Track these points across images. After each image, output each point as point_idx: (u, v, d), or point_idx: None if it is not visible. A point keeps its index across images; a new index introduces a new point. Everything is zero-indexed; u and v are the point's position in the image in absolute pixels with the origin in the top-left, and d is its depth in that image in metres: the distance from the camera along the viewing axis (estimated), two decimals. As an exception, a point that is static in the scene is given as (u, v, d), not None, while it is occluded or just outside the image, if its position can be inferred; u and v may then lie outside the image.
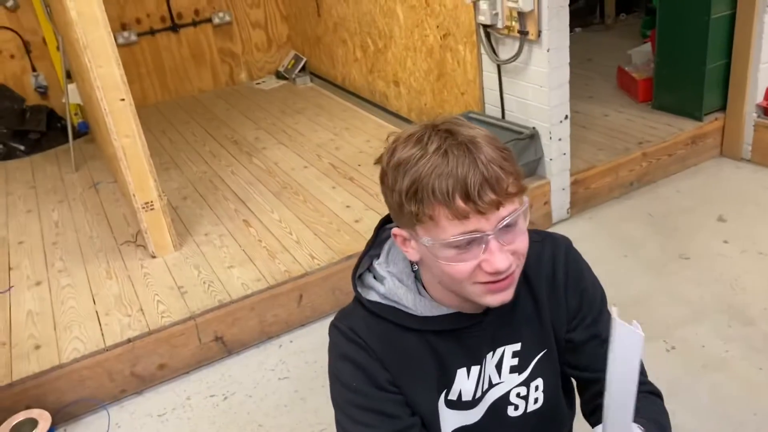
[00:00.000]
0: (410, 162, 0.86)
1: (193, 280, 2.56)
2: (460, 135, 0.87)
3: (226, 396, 2.27)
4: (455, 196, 0.83)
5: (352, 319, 1.03)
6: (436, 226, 0.86)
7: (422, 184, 0.84)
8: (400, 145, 0.89)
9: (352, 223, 2.81)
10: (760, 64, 3.05)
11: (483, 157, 0.84)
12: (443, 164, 0.84)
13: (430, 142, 0.86)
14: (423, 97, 3.52)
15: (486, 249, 0.87)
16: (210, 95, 4.91)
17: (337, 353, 1.02)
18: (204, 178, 3.48)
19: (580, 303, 1.06)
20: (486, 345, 1.04)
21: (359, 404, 0.99)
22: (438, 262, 0.90)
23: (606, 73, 4.08)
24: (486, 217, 0.85)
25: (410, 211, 0.87)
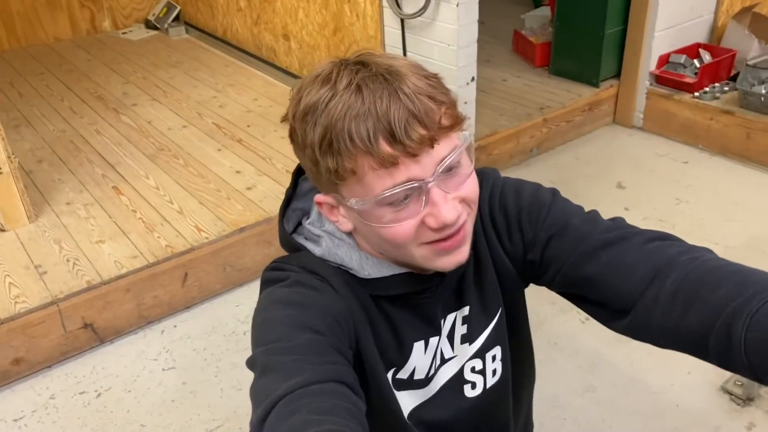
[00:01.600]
0: (318, 107, 0.71)
1: (53, 257, 2.18)
2: (375, 65, 0.72)
3: (99, 392, 1.94)
4: (378, 138, 0.69)
5: (305, 260, 0.84)
6: (360, 181, 0.72)
7: (336, 130, 0.70)
8: (305, 89, 0.75)
9: (243, 191, 2.52)
10: (655, 32, 3.07)
11: (406, 87, 0.70)
12: (358, 102, 0.69)
13: (340, 78, 0.72)
14: (317, 53, 3.25)
15: (427, 201, 0.73)
16: (67, 44, 4.31)
17: (285, 284, 0.81)
18: (63, 138, 3.01)
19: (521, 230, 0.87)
20: (439, 311, 0.89)
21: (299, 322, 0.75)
22: (373, 226, 0.75)
23: (501, 37, 4.00)
24: (419, 160, 0.70)
25: (328, 168, 0.72)
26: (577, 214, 0.86)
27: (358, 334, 0.82)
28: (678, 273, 0.73)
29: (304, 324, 0.75)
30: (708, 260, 0.74)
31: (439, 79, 0.76)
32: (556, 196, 0.89)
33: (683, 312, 0.71)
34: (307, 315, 0.76)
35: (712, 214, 2.59)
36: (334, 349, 0.74)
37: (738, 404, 1.77)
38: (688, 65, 3.12)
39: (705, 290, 0.70)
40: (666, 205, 2.67)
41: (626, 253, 0.79)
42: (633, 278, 0.77)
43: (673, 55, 3.15)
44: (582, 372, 1.91)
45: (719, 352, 0.69)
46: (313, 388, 0.67)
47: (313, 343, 0.73)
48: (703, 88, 3.05)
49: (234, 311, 2.22)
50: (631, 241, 0.80)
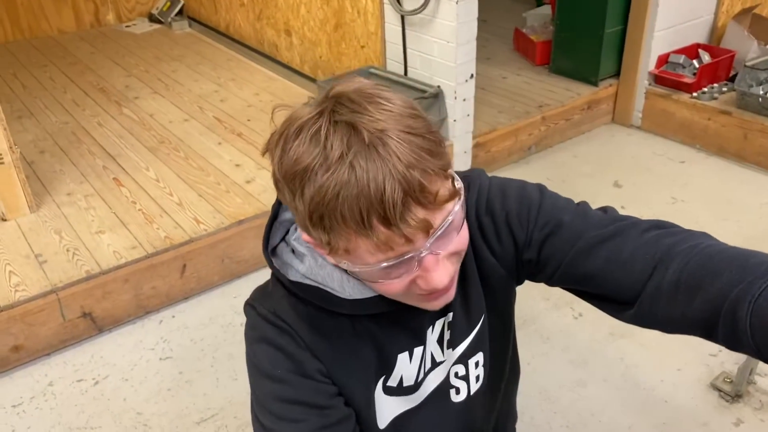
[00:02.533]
0: (308, 175, 0.67)
1: (53, 247, 2.20)
2: (365, 130, 0.66)
3: (96, 380, 1.97)
4: (372, 222, 0.66)
5: (274, 300, 0.86)
6: (354, 256, 0.71)
7: (329, 209, 0.67)
8: (293, 140, 0.69)
9: (243, 184, 2.54)
10: (655, 32, 3.08)
11: (399, 163, 0.65)
12: (351, 180, 0.65)
13: (329, 145, 0.66)
14: (318, 49, 3.26)
15: (420, 266, 0.72)
16: (71, 37, 4.34)
17: (255, 336, 0.86)
18: (65, 130, 3.03)
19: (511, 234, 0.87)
20: (426, 321, 0.90)
21: (284, 397, 0.83)
22: (365, 281, 0.77)
23: (502, 35, 4.01)
24: (413, 243, 0.69)
25: (319, 239, 0.71)
26: (568, 210, 0.85)
27: (330, 372, 0.85)
28: (678, 262, 0.73)
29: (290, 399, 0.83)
30: (706, 247, 0.74)
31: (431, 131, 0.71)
32: (543, 193, 0.88)
33: (687, 301, 0.72)
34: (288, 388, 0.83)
35: (707, 213, 2.60)
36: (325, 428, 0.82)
37: (726, 401, 1.79)
38: (687, 65, 3.13)
39: (707, 278, 0.70)
40: (662, 204, 2.68)
41: (624, 246, 0.78)
42: (633, 272, 0.77)
43: (673, 55, 3.16)
44: (573, 367, 1.93)
45: (727, 337, 0.69)
46: None
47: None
48: (701, 88, 3.06)
49: (231, 302, 2.24)
50: (628, 234, 0.79)
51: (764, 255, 0.71)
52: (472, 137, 2.81)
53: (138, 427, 1.81)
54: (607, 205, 0.87)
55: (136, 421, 1.83)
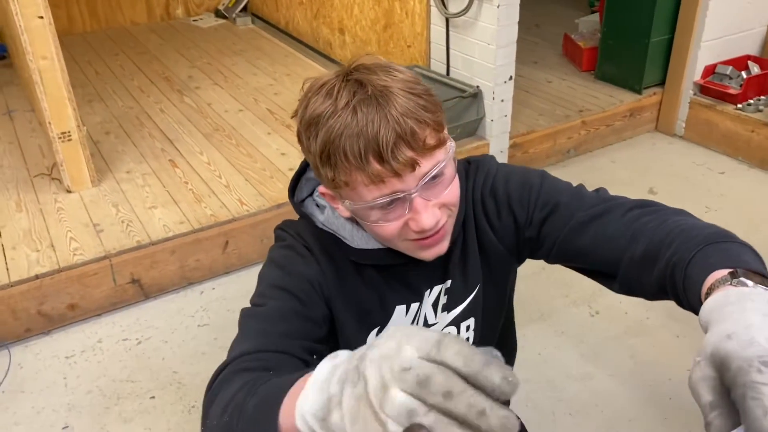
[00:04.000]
0: (321, 121, 0.81)
1: (110, 218, 2.41)
2: (370, 85, 0.81)
3: (140, 340, 2.16)
4: (368, 158, 0.79)
5: (301, 228, 0.99)
6: (353, 190, 0.83)
7: (333, 146, 0.80)
8: (312, 97, 0.84)
9: (286, 171, 2.70)
10: (702, 42, 3.08)
11: (395, 111, 0.79)
12: (353, 123, 0.79)
13: (340, 96, 0.81)
14: (368, 47, 3.41)
15: (410, 208, 0.84)
16: (143, 28, 4.62)
17: (282, 245, 0.98)
18: (130, 114, 3.27)
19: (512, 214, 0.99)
20: (424, 284, 1.01)
21: (279, 283, 0.92)
22: (365, 221, 0.88)
23: (552, 41, 4.06)
24: (403, 179, 0.81)
25: (326, 176, 0.84)
26: (565, 191, 0.96)
27: (331, 297, 0.96)
28: (646, 237, 0.83)
29: (283, 286, 0.91)
30: (671, 222, 0.84)
31: (431, 95, 0.84)
32: (545, 178, 0.99)
33: (650, 270, 0.82)
34: (287, 279, 0.92)
35: (739, 223, 2.61)
36: (298, 316, 0.90)
37: (732, 403, 1.82)
38: (734, 76, 3.12)
39: (662, 249, 0.80)
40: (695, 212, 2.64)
41: (609, 225, 0.89)
42: (615, 247, 0.87)
43: (720, 66, 3.15)
44: (583, 360, 2.00)
45: (675, 299, 0.79)
46: (259, 355, 0.83)
47: (280, 310, 0.89)
48: (747, 100, 3.05)
49: (267, 280, 2.40)
50: (613, 214, 0.89)
51: (714, 228, 0.81)
52: (509, 137, 2.90)
53: (173, 383, 1.99)
54: (600, 187, 0.97)
55: (171, 378, 2.01)
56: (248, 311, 0.92)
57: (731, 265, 0.69)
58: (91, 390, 1.97)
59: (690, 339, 2.05)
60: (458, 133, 2.78)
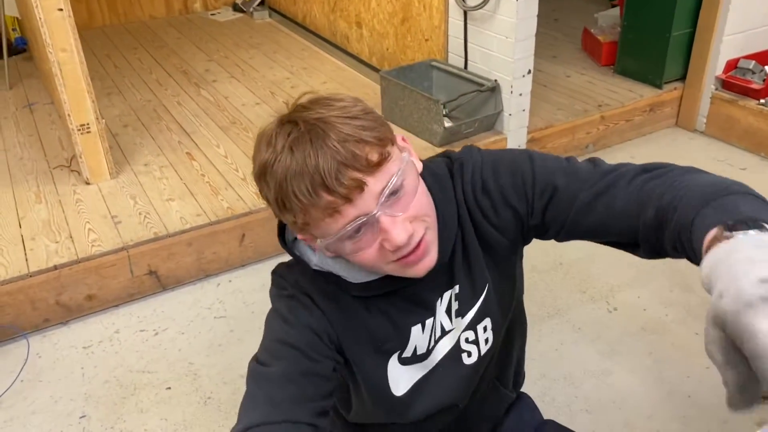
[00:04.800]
0: (267, 170, 0.80)
1: (128, 210, 2.43)
2: (302, 122, 0.79)
3: (157, 331, 2.17)
4: (317, 191, 0.77)
5: (298, 275, 0.96)
6: (317, 228, 0.82)
7: (283, 191, 0.79)
8: (257, 148, 0.84)
9: (301, 164, 2.70)
10: (724, 36, 3.04)
11: (329, 140, 0.77)
12: (292, 163, 0.77)
13: (276, 140, 0.80)
14: (386, 41, 3.39)
15: (379, 229, 0.81)
16: (161, 22, 4.65)
17: (283, 294, 0.95)
18: (148, 107, 3.29)
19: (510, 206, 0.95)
20: (434, 293, 0.98)
21: (285, 339, 0.90)
22: (344, 255, 0.86)
23: (571, 35, 4.02)
24: (355, 203, 0.78)
25: (289, 221, 0.83)
26: (559, 171, 0.91)
27: (341, 343, 0.95)
28: (655, 201, 0.81)
29: (289, 342, 0.89)
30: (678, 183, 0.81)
31: (368, 113, 0.82)
32: (533, 160, 0.93)
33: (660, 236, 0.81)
34: (292, 332, 0.90)
35: (761, 220, 2.57)
36: (305, 376, 0.88)
37: (752, 401, 1.79)
38: (757, 71, 3.07)
39: (669, 212, 0.78)
40: (715, 208, 2.66)
41: (616, 199, 0.86)
42: (628, 218, 0.85)
43: (743, 60, 3.10)
44: (601, 357, 1.98)
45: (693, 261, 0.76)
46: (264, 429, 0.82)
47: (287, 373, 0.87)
48: (770, 95, 3.00)
49: (283, 273, 2.40)
50: (618, 186, 0.86)
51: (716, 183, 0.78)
52: (526, 132, 2.87)
53: (188, 374, 2.00)
54: (595, 157, 0.94)
55: (187, 369, 2.02)
56: (256, 371, 0.90)
57: (725, 219, 0.67)
58: (108, 380, 1.99)
59: (710, 336, 2.02)
60: (476, 127, 2.76)
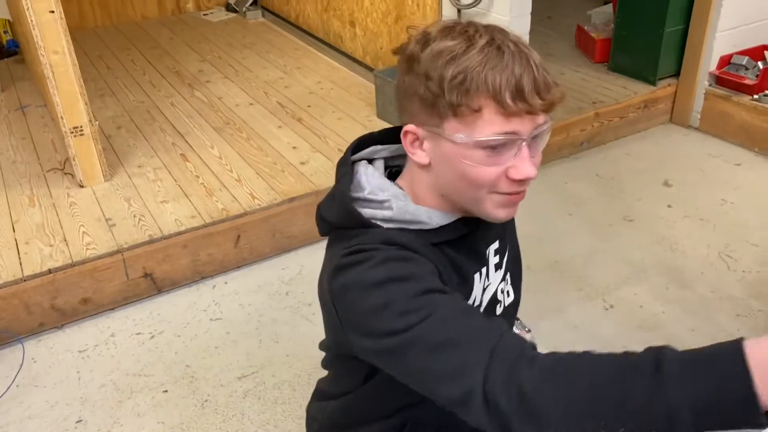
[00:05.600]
0: (456, 51, 0.82)
1: (122, 212, 2.42)
2: (510, 33, 0.85)
3: (153, 334, 2.16)
4: (506, 91, 0.80)
5: (376, 237, 0.88)
6: (476, 120, 0.82)
7: (474, 73, 0.80)
8: (436, 35, 0.85)
9: (297, 165, 2.70)
10: (717, 32, 3.04)
11: (534, 61, 0.82)
12: (497, 58, 0.81)
13: (479, 35, 0.83)
14: (379, 40, 3.39)
15: (518, 154, 0.84)
16: (154, 23, 4.63)
17: (373, 263, 0.84)
18: (141, 108, 3.28)
19: None
20: (483, 246, 1.03)
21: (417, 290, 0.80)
22: (462, 163, 0.85)
23: (565, 32, 4.02)
24: (528, 120, 0.82)
25: (450, 101, 0.82)
26: None
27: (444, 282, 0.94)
28: None
29: (431, 289, 0.81)
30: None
31: None
32: None
33: None
34: (425, 282, 0.82)
35: (756, 216, 2.58)
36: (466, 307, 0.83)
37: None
38: (750, 67, 3.08)
39: None
40: (710, 205, 2.67)
41: None
42: None
43: (736, 56, 3.11)
44: (598, 354, 1.98)
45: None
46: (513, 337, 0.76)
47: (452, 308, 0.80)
48: (763, 90, 3.01)
49: (280, 273, 2.40)
50: None
51: None
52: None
53: (185, 377, 1.99)
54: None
55: (184, 372, 2.01)
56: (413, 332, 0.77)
57: None
58: (104, 384, 1.98)
59: (703, 333, 2.03)
60: (470, 125, 2.76)
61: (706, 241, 2.45)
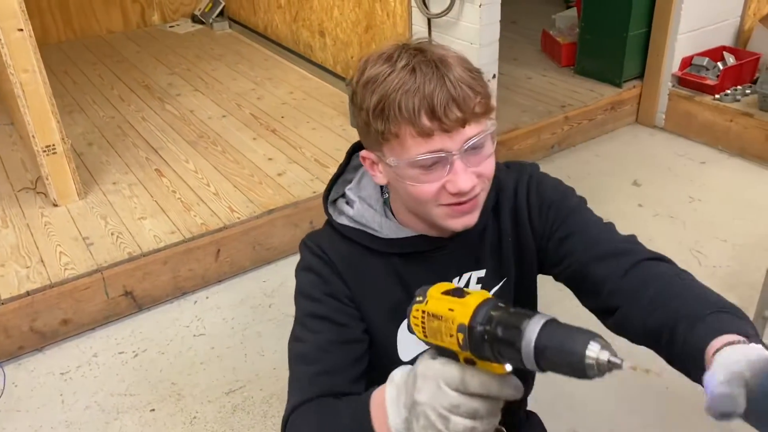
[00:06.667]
0: (378, 79, 0.86)
1: (99, 231, 2.39)
2: (430, 53, 0.86)
3: (136, 353, 2.14)
4: (420, 113, 0.83)
5: (320, 238, 1.04)
6: (401, 144, 0.87)
7: (389, 100, 0.85)
8: (370, 63, 0.90)
9: (274, 176, 2.70)
10: (678, 34, 3.14)
11: (452, 75, 0.84)
12: (410, 81, 0.84)
13: (400, 59, 0.86)
14: (350, 50, 3.41)
15: (450, 170, 0.87)
16: (119, 36, 4.58)
17: (302, 266, 1.03)
18: (112, 124, 3.24)
19: (547, 218, 1.03)
20: (453, 269, 1.04)
21: (314, 313, 0.97)
22: (404, 183, 0.90)
23: (530, 37, 4.10)
24: (450, 136, 0.85)
25: (377, 129, 0.88)
26: (595, 223, 1.02)
27: (360, 304, 1.00)
28: (657, 285, 0.89)
29: (318, 314, 0.97)
30: (684, 279, 0.90)
31: (481, 73, 0.89)
32: (582, 203, 1.05)
33: (651, 314, 0.86)
34: (319, 306, 0.97)
35: (723, 212, 2.66)
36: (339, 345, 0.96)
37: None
38: (711, 68, 3.18)
39: (673, 300, 0.85)
40: (678, 202, 2.75)
41: (625, 264, 0.93)
42: (625, 287, 0.91)
43: (696, 58, 3.21)
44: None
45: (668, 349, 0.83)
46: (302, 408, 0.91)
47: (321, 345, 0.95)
48: (724, 90, 3.11)
49: (261, 286, 2.40)
50: (635, 255, 0.94)
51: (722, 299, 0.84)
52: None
53: (172, 395, 1.98)
54: (631, 234, 1.02)
55: (170, 390, 2.00)
56: (293, 350, 0.98)
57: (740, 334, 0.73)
58: (89, 405, 1.95)
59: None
60: (444, 132, 2.80)
61: (677, 238, 2.53)
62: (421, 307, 0.75)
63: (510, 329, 0.64)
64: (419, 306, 0.75)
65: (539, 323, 0.62)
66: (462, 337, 0.68)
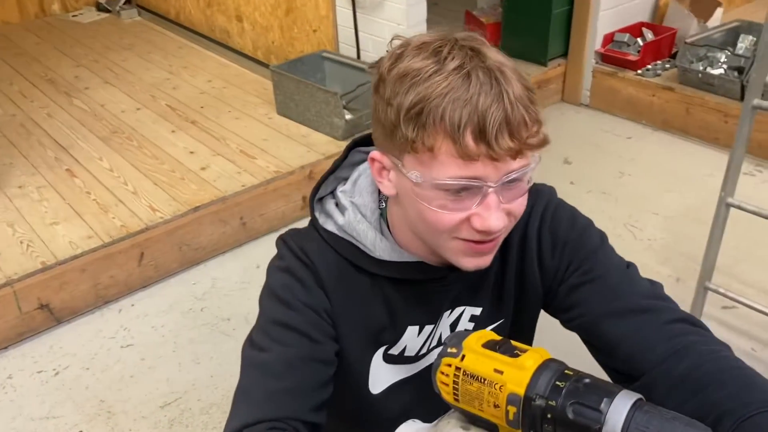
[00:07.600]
0: (421, 75, 0.70)
1: (6, 240, 2.18)
2: (487, 58, 0.71)
3: (57, 371, 1.96)
4: (467, 130, 0.69)
5: (306, 240, 0.88)
6: (433, 159, 0.71)
7: (430, 105, 0.69)
8: (410, 51, 0.73)
9: (198, 171, 2.54)
10: (600, 12, 3.16)
11: (512, 93, 0.69)
12: (462, 88, 0.69)
13: (451, 56, 0.71)
14: (270, 34, 3.26)
15: (482, 202, 0.74)
16: (16, 28, 4.23)
17: (281, 266, 0.87)
18: (13, 122, 2.98)
19: (561, 259, 0.89)
20: (446, 303, 0.91)
21: (284, 321, 0.83)
22: (420, 203, 0.75)
23: (453, 17, 4.05)
24: (496, 166, 0.71)
25: (405, 135, 0.72)
26: (617, 268, 0.87)
27: (337, 323, 0.86)
28: (693, 360, 0.76)
29: (288, 324, 0.83)
30: (724, 357, 0.76)
31: (535, 93, 0.75)
32: (604, 242, 0.90)
33: (685, 398, 0.74)
34: (292, 315, 0.83)
35: (652, 186, 2.71)
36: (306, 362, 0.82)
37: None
38: (632, 44, 3.23)
39: (712, 384, 0.72)
40: (609, 178, 2.78)
41: (652, 325, 0.80)
42: (650, 352, 0.79)
43: (618, 34, 3.25)
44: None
45: None
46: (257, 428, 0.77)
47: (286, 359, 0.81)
48: (645, 65, 3.16)
49: (191, 289, 2.25)
50: (661, 315, 0.81)
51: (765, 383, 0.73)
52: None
53: (101, 414, 1.82)
54: (657, 281, 0.89)
55: (99, 408, 1.84)
56: (251, 357, 0.83)
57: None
58: (6, 433, 1.78)
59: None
60: (375, 117, 2.72)
61: (610, 213, 2.55)
62: (455, 363, 0.59)
63: (585, 409, 0.50)
64: (451, 360, 0.60)
65: (627, 404, 0.49)
66: (514, 412, 0.53)
